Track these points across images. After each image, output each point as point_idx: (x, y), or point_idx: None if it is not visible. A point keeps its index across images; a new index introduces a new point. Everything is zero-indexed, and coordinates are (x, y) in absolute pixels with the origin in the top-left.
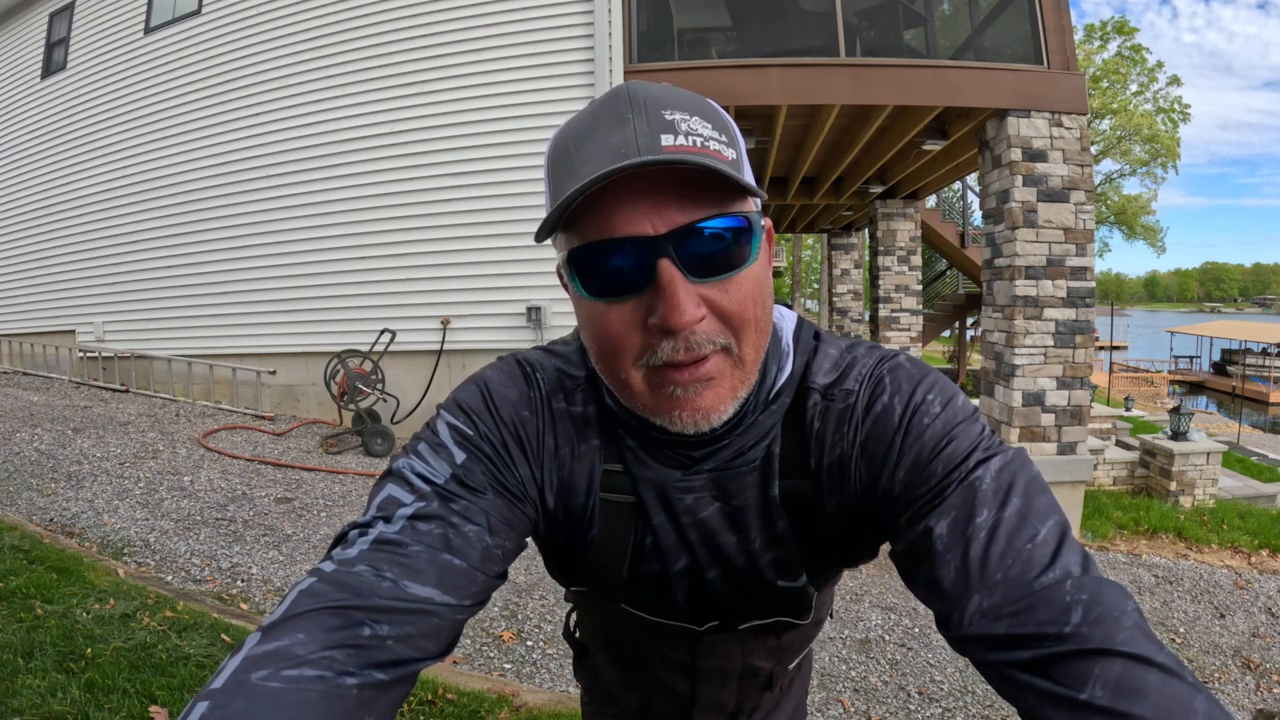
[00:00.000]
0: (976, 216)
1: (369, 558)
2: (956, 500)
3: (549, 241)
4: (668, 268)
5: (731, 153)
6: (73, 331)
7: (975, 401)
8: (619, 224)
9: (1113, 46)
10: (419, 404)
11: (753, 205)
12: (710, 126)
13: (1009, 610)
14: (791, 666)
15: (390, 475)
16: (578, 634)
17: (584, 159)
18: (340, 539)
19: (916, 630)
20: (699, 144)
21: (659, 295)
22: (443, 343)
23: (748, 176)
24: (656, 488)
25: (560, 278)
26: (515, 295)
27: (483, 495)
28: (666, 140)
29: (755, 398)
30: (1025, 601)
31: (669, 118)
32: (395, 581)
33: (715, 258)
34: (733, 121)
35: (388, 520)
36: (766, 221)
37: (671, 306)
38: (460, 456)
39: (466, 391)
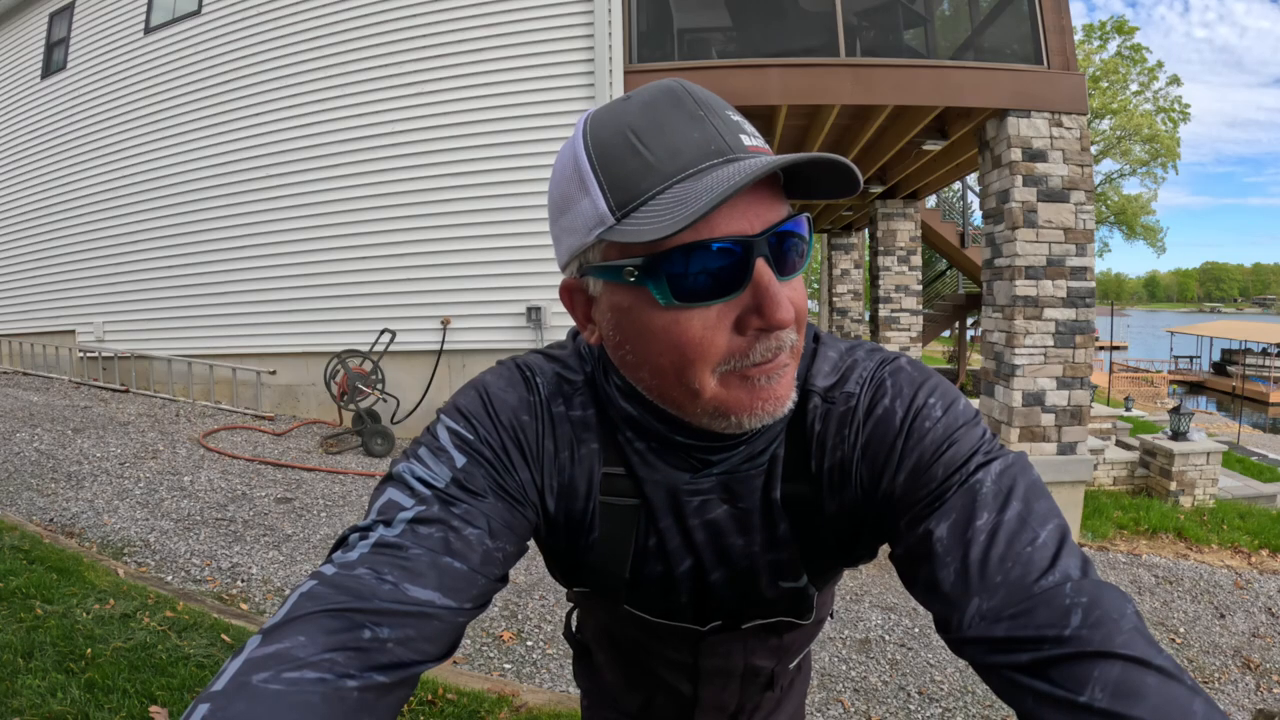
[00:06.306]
0: (976, 216)
1: (369, 561)
2: (957, 503)
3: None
4: (763, 267)
5: None
6: (73, 331)
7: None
8: (719, 223)
9: (1112, 46)
10: (419, 404)
11: None
12: (755, 129)
13: (1008, 613)
14: (792, 666)
15: (390, 480)
16: (579, 635)
17: (663, 154)
18: (341, 543)
19: (916, 630)
20: (763, 145)
21: (760, 295)
22: (443, 343)
23: None
24: (665, 490)
25: (570, 292)
26: (515, 295)
27: (483, 499)
28: (745, 140)
29: None
30: (1025, 604)
31: (734, 118)
32: (396, 584)
33: (794, 257)
34: None
35: (388, 524)
36: None
37: (775, 304)
38: (460, 460)
39: (466, 396)
